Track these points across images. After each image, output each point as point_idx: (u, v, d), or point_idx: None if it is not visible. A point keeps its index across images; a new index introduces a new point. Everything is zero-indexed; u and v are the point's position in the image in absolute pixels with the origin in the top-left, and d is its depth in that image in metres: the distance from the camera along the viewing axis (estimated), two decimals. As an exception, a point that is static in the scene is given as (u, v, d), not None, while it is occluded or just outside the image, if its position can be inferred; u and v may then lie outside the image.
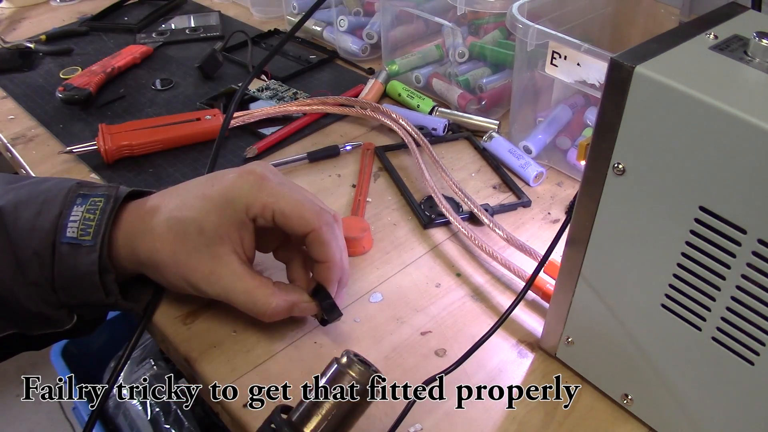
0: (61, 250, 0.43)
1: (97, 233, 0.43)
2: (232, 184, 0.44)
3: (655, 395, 0.40)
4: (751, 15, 0.36)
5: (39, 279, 0.43)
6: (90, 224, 0.43)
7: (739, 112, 0.28)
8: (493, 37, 0.75)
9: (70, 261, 0.43)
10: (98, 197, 0.44)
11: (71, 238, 0.43)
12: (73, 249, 0.43)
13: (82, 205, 0.44)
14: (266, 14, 1.01)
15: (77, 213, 0.43)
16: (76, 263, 0.43)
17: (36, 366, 1.59)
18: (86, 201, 0.44)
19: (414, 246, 0.57)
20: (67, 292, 0.44)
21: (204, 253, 0.43)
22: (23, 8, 1.05)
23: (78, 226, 0.43)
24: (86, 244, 0.43)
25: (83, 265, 0.43)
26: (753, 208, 0.30)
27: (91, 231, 0.43)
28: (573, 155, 0.65)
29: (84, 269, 0.43)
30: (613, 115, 0.33)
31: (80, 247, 0.43)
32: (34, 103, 0.78)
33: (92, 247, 0.43)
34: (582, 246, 0.39)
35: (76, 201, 0.44)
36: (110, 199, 0.44)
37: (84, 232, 0.43)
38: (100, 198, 0.44)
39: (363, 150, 0.68)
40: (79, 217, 0.43)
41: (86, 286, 0.43)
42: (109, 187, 0.45)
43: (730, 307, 0.33)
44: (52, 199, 0.44)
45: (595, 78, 0.57)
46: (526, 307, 0.51)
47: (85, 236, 0.43)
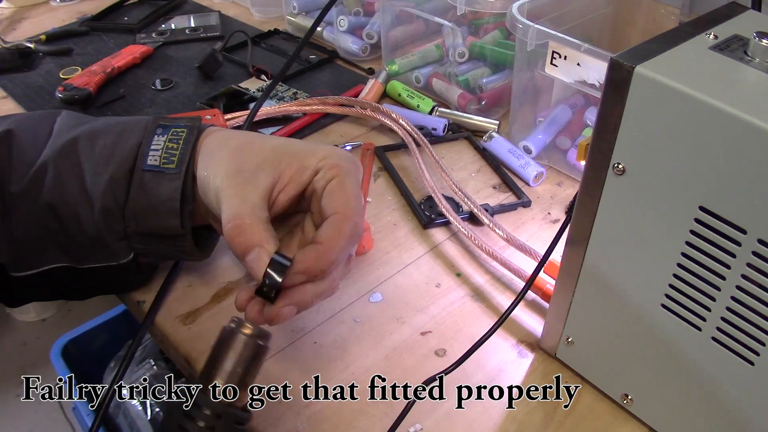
0: (143, 177, 0.43)
1: (182, 161, 0.43)
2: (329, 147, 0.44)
3: (655, 395, 0.40)
4: (751, 15, 0.36)
5: (111, 204, 0.43)
6: (174, 152, 0.43)
7: (739, 112, 0.28)
8: (493, 37, 0.75)
9: (152, 187, 0.43)
10: (180, 128, 0.45)
11: (153, 165, 0.43)
12: (155, 176, 0.43)
13: (164, 135, 0.44)
14: (266, 14, 1.01)
15: (159, 142, 0.44)
16: (158, 190, 0.43)
17: (36, 366, 1.59)
18: (167, 131, 0.44)
19: (414, 246, 0.57)
20: (140, 220, 0.44)
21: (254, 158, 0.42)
22: (23, 8, 1.05)
23: (161, 154, 0.43)
24: (170, 171, 0.43)
25: (166, 191, 0.43)
26: (753, 208, 0.30)
27: (175, 159, 0.43)
28: (573, 155, 0.65)
29: (166, 195, 0.43)
30: (613, 115, 0.33)
31: (163, 174, 0.43)
32: (34, 103, 0.78)
33: (176, 175, 0.43)
34: (582, 246, 0.39)
35: (156, 131, 0.45)
36: (193, 131, 0.45)
37: (167, 160, 0.43)
38: (182, 129, 0.45)
39: (363, 150, 0.68)
40: (161, 146, 0.44)
41: (164, 213, 0.43)
42: (191, 119, 0.46)
43: (730, 307, 0.33)
44: (131, 130, 0.45)
45: (595, 78, 0.57)
46: (526, 307, 0.51)
47: (168, 164, 0.43)
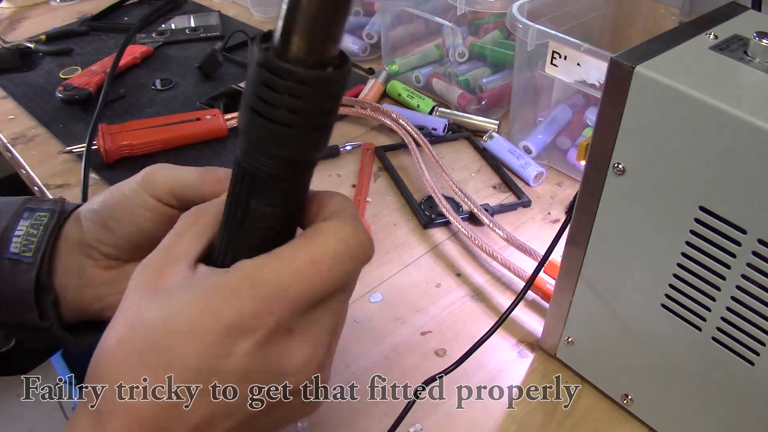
0: (3, 266, 0.41)
1: (38, 249, 0.41)
2: None
3: (655, 395, 0.40)
4: (751, 15, 0.36)
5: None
6: (32, 239, 0.41)
7: (739, 112, 0.28)
8: (493, 37, 0.75)
9: (11, 277, 0.41)
10: (43, 212, 0.43)
11: (14, 253, 0.41)
12: (14, 265, 0.41)
13: (28, 220, 0.42)
14: (266, 14, 1.01)
15: (22, 228, 0.42)
16: (16, 280, 0.41)
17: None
18: (32, 215, 0.42)
19: (414, 246, 0.57)
20: (5, 311, 0.42)
21: None
22: (23, 8, 1.05)
23: (21, 241, 0.41)
24: (26, 260, 0.41)
25: (22, 282, 0.41)
26: (753, 208, 0.30)
27: (33, 247, 0.41)
28: (573, 155, 0.65)
29: (23, 286, 0.41)
30: (613, 115, 0.33)
31: (20, 263, 0.41)
32: (34, 103, 0.78)
33: (31, 264, 0.41)
34: (582, 246, 0.39)
35: (23, 215, 0.42)
36: (54, 214, 0.42)
37: (26, 248, 0.41)
38: (45, 213, 0.42)
39: (363, 150, 0.68)
40: (23, 232, 0.42)
41: (22, 306, 0.41)
42: (55, 202, 0.44)
43: (730, 307, 0.33)
44: (6, 211, 0.43)
45: (595, 78, 0.57)
46: (526, 307, 0.51)
47: (26, 252, 0.41)
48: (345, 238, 0.31)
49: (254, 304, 0.28)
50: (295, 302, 0.29)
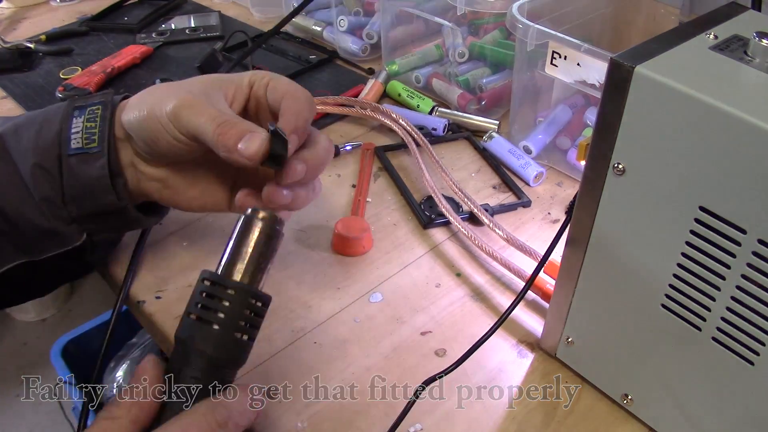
0: (70, 162, 0.44)
1: (102, 138, 0.44)
2: None
3: (655, 395, 0.40)
4: (751, 15, 0.36)
5: (49, 193, 0.44)
6: (93, 131, 0.44)
7: (739, 112, 0.28)
8: (493, 37, 0.75)
9: (81, 170, 0.44)
10: (95, 105, 0.46)
11: (77, 148, 0.44)
12: (81, 158, 0.44)
13: (81, 116, 0.45)
14: (266, 14, 1.01)
15: (78, 124, 0.45)
16: (87, 171, 0.44)
17: (36, 366, 1.59)
18: (84, 112, 0.45)
19: (414, 246, 0.57)
20: (79, 202, 0.45)
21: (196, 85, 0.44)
22: (23, 8, 1.05)
23: (81, 135, 0.44)
24: (93, 151, 0.44)
25: (94, 170, 0.44)
26: (753, 208, 0.30)
27: (96, 138, 0.44)
28: (573, 155, 0.65)
29: (96, 174, 0.44)
30: (613, 115, 0.33)
31: (88, 155, 0.44)
32: (34, 103, 0.78)
33: (100, 152, 0.44)
34: (582, 246, 0.39)
35: (73, 114, 0.45)
36: (107, 105, 0.46)
37: (89, 140, 0.44)
38: (97, 106, 0.46)
39: (363, 150, 0.68)
40: (80, 128, 0.45)
41: (98, 192, 0.44)
42: (103, 95, 0.47)
43: (730, 307, 0.33)
44: (51, 117, 0.46)
45: (595, 78, 0.57)
46: (526, 307, 0.51)
47: (90, 143, 0.44)
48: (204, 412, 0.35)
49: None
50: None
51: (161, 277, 0.53)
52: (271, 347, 0.48)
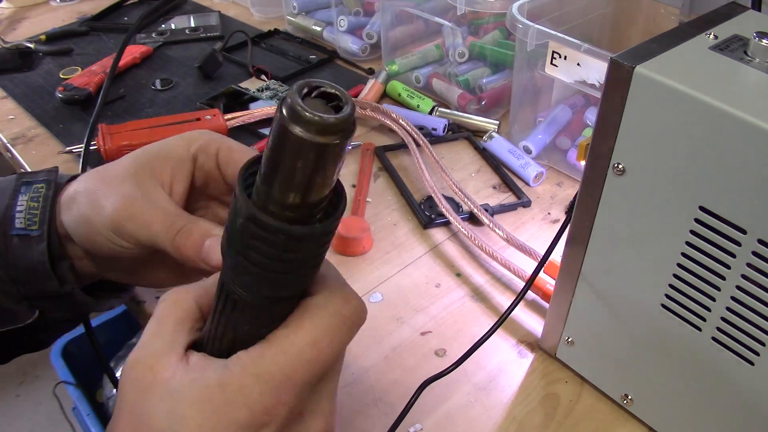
0: (13, 242, 0.42)
1: (43, 222, 0.42)
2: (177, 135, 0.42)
3: (655, 395, 0.40)
4: (751, 15, 0.36)
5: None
6: (35, 213, 0.42)
7: (739, 112, 0.28)
8: (493, 37, 0.75)
9: (22, 252, 0.42)
10: (39, 183, 0.43)
11: (20, 229, 0.42)
12: (23, 240, 0.42)
13: (26, 194, 0.43)
14: (266, 14, 1.01)
15: (22, 202, 0.42)
16: (28, 254, 0.42)
17: (36, 366, 1.59)
18: (29, 189, 0.43)
19: (414, 246, 0.57)
20: (24, 284, 0.43)
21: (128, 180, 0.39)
22: (23, 8, 1.05)
23: (24, 216, 0.42)
24: (33, 234, 0.42)
25: (35, 254, 0.42)
26: (753, 208, 0.30)
27: (37, 220, 0.42)
28: (573, 155, 0.65)
29: (36, 259, 0.42)
30: (613, 115, 0.33)
31: (29, 237, 0.42)
32: (34, 103, 0.78)
33: (40, 237, 0.42)
34: (582, 246, 0.39)
35: (20, 190, 0.43)
36: (51, 185, 0.43)
37: (30, 221, 0.42)
38: (41, 184, 0.43)
39: (363, 150, 0.68)
40: (24, 207, 0.42)
41: (39, 276, 0.42)
42: (48, 172, 0.44)
43: (730, 307, 0.33)
44: (3, 190, 0.43)
45: (595, 78, 0.57)
46: (526, 307, 0.51)
47: (32, 226, 0.42)
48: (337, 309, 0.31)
49: (263, 400, 0.27)
50: (302, 387, 0.29)
51: (161, 277, 0.53)
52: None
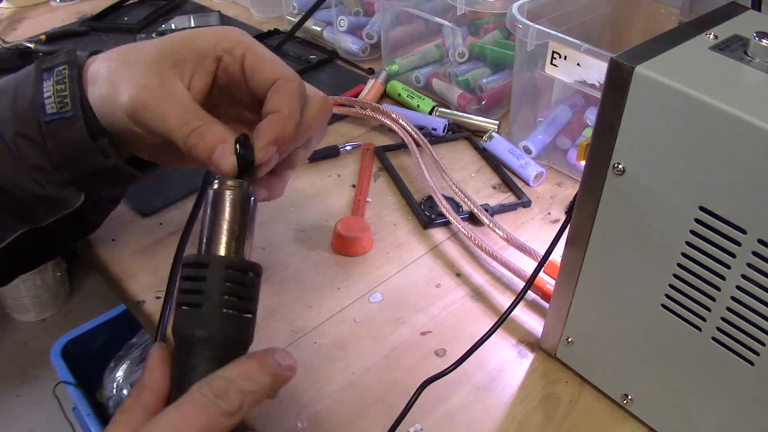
0: (50, 128, 0.42)
1: (74, 101, 0.42)
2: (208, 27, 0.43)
3: (655, 395, 0.40)
4: (751, 15, 0.36)
5: (37, 161, 0.43)
6: (64, 94, 0.42)
7: (739, 112, 0.28)
8: (493, 37, 0.75)
9: (61, 135, 0.42)
10: (61, 65, 0.43)
11: (53, 113, 0.42)
12: (59, 123, 0.42)
13: (50, 79, 0.43)
14: (266, 14, 1.01)
15: (48, 88, 0.42)
16: (67, 135, 0.42)
17: (36, 366, 1.59)
18: (51, 73, 0.43)
19: (414, 246, 0.57)
20: (69, 166, 0.43)
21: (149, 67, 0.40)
22: (23, 8, 1.05)
23: (54, 100, 0.42)
24: (68, 114, 0.42)
25: (74, 134, 0.42)
26: (753, 208, 0.30)
27: (68, 101, 0.42)
28: (573, 155, 0.65)
29: (76, 137, 0.42)
30: (613, 115, 0.33)
31: (65, 119, 0.42)
32: (34, 103, 0.78)
33: (75, 116, 0.42)
34: (582, 246, 0.39)
35: (42, 76, 0.43)
36: (73, 65, 0.43)
37: (62, 103, 0.42)
38: (63, 66, 0.43)
39: (363, 150, 0.68)
40: (51, 91, 0.42)
41: (83, 155, 0.43)
42: (67, 52, 0.44)
43: (730, 307, 0.33)
44: (25, 81, 0.44)
45: (595, 78, 0.57)
46: (526, 307, 0.51)
47: (64, 108, 0.42)
48: None
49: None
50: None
51: (161, 277, 0.53)
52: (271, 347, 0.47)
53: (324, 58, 0.87)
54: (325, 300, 0.52)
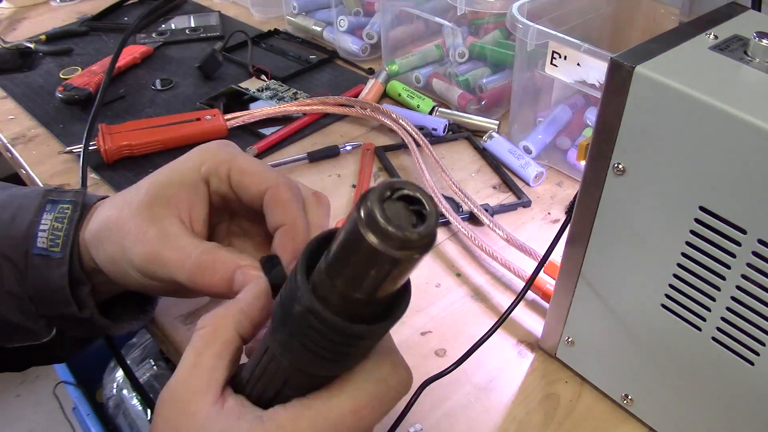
0: (35, 261, 0.40)
1: (66, 244, 0.40)
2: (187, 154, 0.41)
3: (655, 395, 0.40)
4: (751, 15, 0.36)
5: (15, 288, 0.41)
6: (58, 234, 0.40)
7: (739, 112, 0.28)
8: (493, 37, 0.75)
9: (43, 272, 0.41)
10: (65, 204, 0.42)
11: (42, 249, 0.40)
12: (44, 261, 0.40)
13: (51, 213, 0.41)
14: (266, 14, 1.01)
15: (46, 221, 0.41)
16: (48, 275, 0.40)
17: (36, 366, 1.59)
18: (55, 208, 0.41)
19: (414, 246, 0.57)
20: (43, 304, 0.41)
21: (144, 215, 0.38)
22: (23, 8, 1.05)
23: (47, 236, 0.40)
24: (56, 256, 0.40)
25: (55, 276, 0.40)
26: (753, 208, 0.30)
27: (60, 242, 0.40)
28: (573, 155, 0.65)
29: (56, 282, 0.40)
30: (613, 115, 0.33)
31: (51, 259, 0.40)
32: (34, 103, 0.78)
33: (62, 260, 0.40)
34: (582, 246, 0.39)
35: (45, 207, 0.42)
36: (77, 206, 0.42)
37: (53, 243, 0.40)
38: (67, 205, 0.42)
39: (363, 150, 0.68)
40: (48, 227, 0.41)
41: (58, 300, 0.41)
42: (76, 192, 0.43)
43: (730, 307, 0.33)
44: (28, 205, 0.42)
45: (595, 78, 0.57)
46: (526, 307, 0.51)
47: (54, 247, 0.40)
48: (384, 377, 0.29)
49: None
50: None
51: (161, 277, 0.53)
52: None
53: (324, 58, 0.87)
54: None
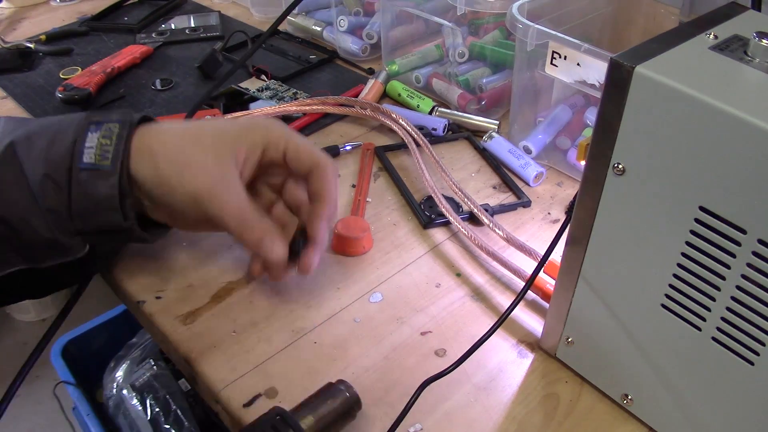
0: (80, 176, 0.44)
1: (116, 158, 0.44)
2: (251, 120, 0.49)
3: (655, 395, 0.40)
4: (751, 15, 0.36)
5: (55, 205, 0.44)
6: (108, 149, 0.44)
7: (739, 112, 0.28)
8: (493, 37, 0.75)
9: (90, 186, 0.44)
10: (112, 122, 0.45)
11: (89, 163, 0.44)
12: (92, 174, 0.44)
13: (97, 131, 0.45)
14: (266, 14, 1.01)
15: (93, 139, 0.45)
16: (96, 187, 0.44)
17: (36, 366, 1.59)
18: (100, 127, 0.45)
19: (414, 246, 0.57)
20: (85, 218, 0.45)
21: (209, 152, 0.45)
22: (23, 8, 1.05)
23: (95, 151, 0.44)
24: (105, 168, 0.44)
25: (103, 188, 0.44)
26: (753, 208, 0.30)
27: (110, 156, 0.44)
28: (573, 155, 0.65)
29: (104, 193, 0.44)
30: (613, 115, 0.33)
31: (99, 171, 0.44)
32: (34, 103, 0.78)
33: (111, 172, 0.44)
34: (582, 246, 0.39)
35: (89, 128, 0.45)
36: (126, 125, 0.45)
37: (102, 156, 0.44)
38: (114, 123, 0.45)
39: (363, 150, 0.68)
40: (95, 144, 0.44)
41: (105, 210, 0.44)
42: (123, 112, 0.47)
43: (730, 307, 0.33)
44: (65, 129, 0.45)
45: (595, 78, 0.57)
46: (526, 307, 0.51)
47: (103, 161, 0.44)
48: None
49: None
50: None
51: (161, 277, 0.53)
52: (271, 347, 0.48)
53: (324, 58, 0.87)
54: (325, 300, 0.52)
